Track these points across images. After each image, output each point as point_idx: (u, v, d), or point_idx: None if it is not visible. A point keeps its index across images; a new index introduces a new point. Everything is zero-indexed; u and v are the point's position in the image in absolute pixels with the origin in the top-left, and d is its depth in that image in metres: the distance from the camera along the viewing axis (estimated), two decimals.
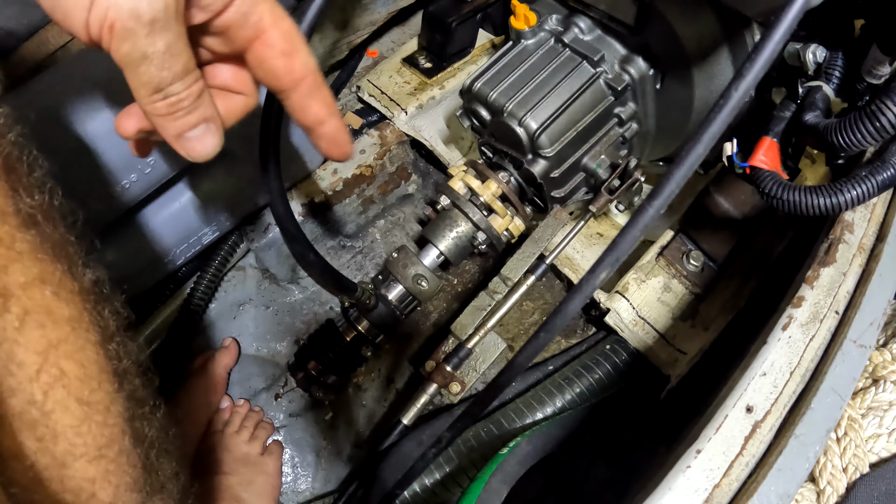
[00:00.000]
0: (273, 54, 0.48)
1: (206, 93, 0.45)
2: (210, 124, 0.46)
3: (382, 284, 0.96)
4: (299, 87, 0.50)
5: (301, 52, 0.49)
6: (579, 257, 1.08)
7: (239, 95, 0.52)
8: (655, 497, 0.50)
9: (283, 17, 0.47)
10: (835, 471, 0.51)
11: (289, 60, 0.48)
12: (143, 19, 0.37)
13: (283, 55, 0.48)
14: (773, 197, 0.64)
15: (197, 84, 0.43)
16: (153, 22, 0.38)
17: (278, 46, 0.47)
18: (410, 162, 1.23)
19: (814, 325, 0.58)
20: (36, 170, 0.41)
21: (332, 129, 0.53)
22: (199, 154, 0.47)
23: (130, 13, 0.37)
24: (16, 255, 0.37)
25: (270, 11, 0.46)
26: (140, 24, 0.37)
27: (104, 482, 0.40)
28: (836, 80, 0.68)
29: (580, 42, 0.87)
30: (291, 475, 1.11)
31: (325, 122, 0.52)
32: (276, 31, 0.47)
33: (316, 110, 0.51)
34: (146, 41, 0.38)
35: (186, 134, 0.45)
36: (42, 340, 0.38)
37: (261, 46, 0.47)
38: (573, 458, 0.99)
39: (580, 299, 0.54)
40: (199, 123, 0.45)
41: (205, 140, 0.46)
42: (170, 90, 0.42)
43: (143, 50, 0.39)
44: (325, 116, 0.52)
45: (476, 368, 0.97)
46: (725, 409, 0.54)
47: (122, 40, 0.38)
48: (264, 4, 0.46)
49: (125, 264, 0.94)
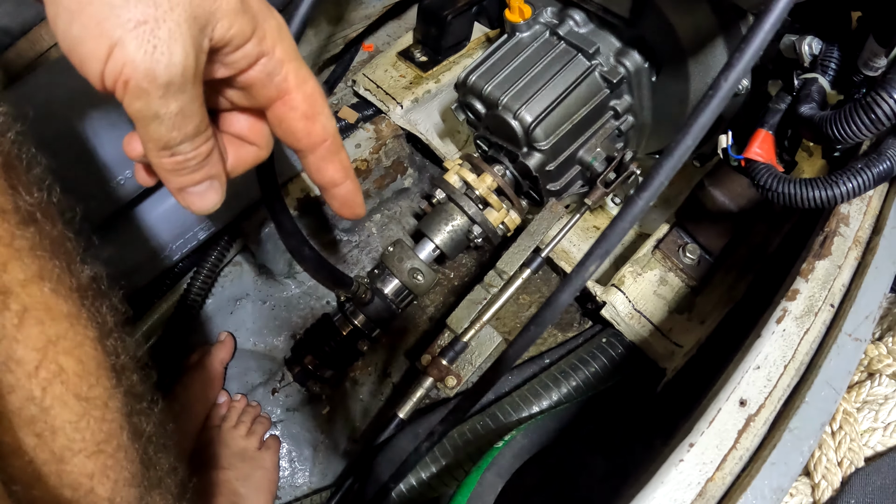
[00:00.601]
0: (294, 116, 0.47)
1: (214, 152, 0.44)
2: (214, 181, 0.46)
3: (378, 278, 0.96)
4: (318, 150, 0.50)
5: (322, 116, 0.49)
6: (575, 250, 1.08)
7: (252, 146, 0.51)
8: (648, 491, 0.50)
9: (307, 78, 0.47)
10: (830, 465, 0.51)
11: (309, 123, 0.48)
12: (159, 81, 0.36)
13: (304, 118, 0.48)
14: (769, 189, 0.63)
15: (206, 145, 0.43)
16: (168, 85, 0.37)
17: (300, 109, 0.47)
18: (406, 156, 1.23)
19: (808, 319, 0.57)
20: (35, 167, 0.41)
21: (346, 192, 0.54)
22: (198, 209, 0.46)
23: (146, 73, 0.36)
24: (15, 253, 0.37)
25: (296, 73, 0.46)
26: (154, 86, 0.37)
27: (103, 477, 0.41)
28: (832, 72, 0.67)
29: (575, 35, 0.87)
30: (289, 469, 1.12)
31: (340, 184, 0.53)
32: (299, 94, 0.46)
33: (332, 173, 0.52)
34: (159, 102, 0.38)
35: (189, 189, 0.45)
36: (41, 337, 0.38)
37: (282, 107, 0.47)
38: (569, 452, 0.99)
39: (570, 292, 0.54)
40: (204, 181, 0.45)
41: (206, 196, 0.46)
42: (178, 150, 0.41)
43: (156, 110, 0.38)
44: (341, 179, 0.52)
45: (472, 362, 0.97)
46: (719, 402, 0.54)
47: (134, 98, 0.37)
48: (290, 65, 0.45)
49: (121, 260, 0.94)
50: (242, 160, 0.51)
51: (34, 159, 0.41)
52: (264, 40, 0.42)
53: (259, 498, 0.98)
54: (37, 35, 0.86)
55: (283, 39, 0.44)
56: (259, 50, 0.42)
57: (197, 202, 0.46)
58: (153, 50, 0.36)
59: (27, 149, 0.40)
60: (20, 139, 0.40)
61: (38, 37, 0.86)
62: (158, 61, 0.36)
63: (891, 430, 0.52)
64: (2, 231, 0.36)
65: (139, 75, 0.36)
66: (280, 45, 0.44)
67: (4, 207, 0.37)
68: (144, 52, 0.35)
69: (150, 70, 0.36)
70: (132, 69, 0.36)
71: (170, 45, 0.36)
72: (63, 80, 0.75)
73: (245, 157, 0.51)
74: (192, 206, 0.46)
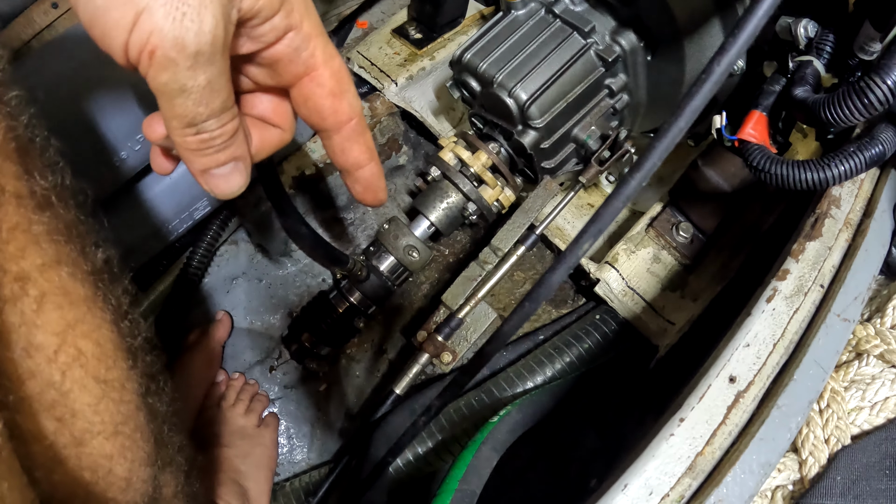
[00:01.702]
0: (321, 93, 0.46)
1: (240, 131, 0.43)
2: (239, 163, 0.44)
3: (374, 256, 0.96)
4: (343, 129, 0.49)
5: (349, 94, 0.47)
6: (569, 227, 1.09)
7: (275, 129, 0.50)
8: (639, 464, 0.51)
9: (334, 55, 0.45)
10: (817, 441, 0.53)
11: (336, 101, 0.47)
12: (188, 51, 0.35)
13: (331, 95, 0.46)
14: (761, 170, 0.64)
15: (232, 123, 0.41)
16: (198, 55, 0.35)
17: (328, 86, 0.46)
18: (401, 133, 1.23)
19: (798, 298, 0.59)
20: (48, 150, 0.41)
21: (370, 175, 0.52)
22: (222, 192, 0.45)
23: (174, 42, 0.34)
24: (32, 238, 0.37)
25: (323, 48, 0.44)
26: (183, 56, 0.35)
27: (121, 458, 0.41)
28: (827, 56, 0.68)
29: (571, 13, 0.87)
30: (287, 446, 1.13)
31: (364, 166, 0.52)
32: (326, 70, 0.45)
33: (357, 154, 0.50)
34: (187, 74, 0.36)
35: (213, 171, 0.43)
36: (60, 321, 0.38)
37: (309, 84, 0.46)
38: (563, 427, 1.01)
39: (564, 269, 0.55)
40: (228, 162, 0.43)
41: (231, 179, 0.44)
42: (203, 126, 0.39)
43: (183, 83, 0.36)
44: (365, 161, 0.51)
45: (467, 338, 0.98)
46: (709, 378, 0.55)
47: (161, 69, 0.35)
48: (317, 40, 0.43)
49: (119, 240, 0.94)
50: (266, 143, 0.50)
51: (47, 142, 0.40)
52: (292, 13, 0.41)
53: (259, 475, 0.99)
54: (28, 17, 0.85)
55: (311, 14, 0.42)
56: (287, 23, 0.41)
57: (222, 184, 0.44)
58: (182, 17, 0.34)
59: (40, 132, 0.40)
60: (34, 122, 0.39)
61: (30, 19, 0.85)
62: (188, 29, 0.34)
63: (877, 410, 0.54)
64: (19, 217, 0.36)
65: (167, 44, 0.34)
66: (308, 20, 0.42)
67: (20, 192, 0.37)
68: (173, 19, 0.34)
69: (178, 39, 0.34)
70: (160, 38, 0.34)
71: (200, 12, 0.34)
72: (61, 59, 0.75)
73: (269, 140, 0.50)
74: (216, 190, 0.44)
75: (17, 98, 0.38)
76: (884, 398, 0.54)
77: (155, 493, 0.44)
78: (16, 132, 0.37)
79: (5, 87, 0.37)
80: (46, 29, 0.87)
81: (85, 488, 0.39)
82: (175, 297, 1.08)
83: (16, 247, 0.36)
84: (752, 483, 0.49)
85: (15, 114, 0.37)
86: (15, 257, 0.36)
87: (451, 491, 0.73)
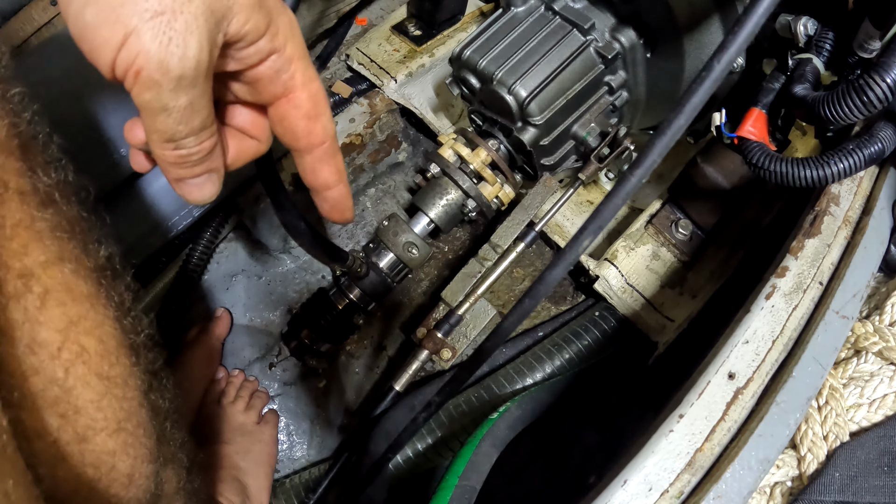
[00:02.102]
0: (297, 115, 0.47)
1: (216, 147, 0.44)
2: (213, 174, 0.45)
3: (373, 252, 0.97)
4: (315, 150, 0.49)
5: (324, 118, 0.48)
6: (569, 224, 1.09)
7: (252, 140, 0.51)
8: (639, 460, 0.51)
9: (313, 78, 0.46)
10: (815, 438, 0.53)
11: (310, 123, 0.48)
12: (171, 74, 0.36)
13: (306, 117, 0.47)
14: (760, 167, 0.64)
15: (210, 140, 0.42)
16: (181, 79, 0.36)
17: (303, 108, 0.47)
18: (400, 130, 1.23)
19: (797, 295, 0.59)
20: (50, 147, 0.41)
21: (338, 195, 0.53)
22: (194, 200, 0.46)
23: (159, 65, 0.35)
24: (35, 235, 0.37)
25: (303, 72, 0.45)
26: (167, 79, 0.36)
27: (123, 454, 0.41)
28: (827, 54, 0.68)
29: (570, 10, 0.87)
30: (287, 443, 1.13)
31: (333, 188, 0.52)
32: (304, 93, 0.46)
33: (326, 175, 0.51)
34: (169, 95, 0.37)
35: (187, 180, 0.44)
36: (63, 318, 0.38)
37: (286, 104, 0.47)
38: (562, 423, 1.01)
39: (564, 266, 0.55)
40: (203, 174, 0.44)
41: (204, 188, 0.45)
42: (182, 143, 0.41)
43: (165, 103, 0.37)
44: (334, 183, 0.52)
45: (467, 335, 0.98)
46: (708, 375, 0.55)
47: (145, 88, 0.36)
48: (298, 63, 0.45)
49: (119, 237, 0.94)
50: (243, 153, 0.51)
51: (49, 139, 0.41)
52: (277, 36, 0.42)
53: (259, 471, 0.99)
54: (27, 15, 0.85)
55: (294, 37, 0.44)
56: (271, 46, 0.42)
57: (194, 192, 0.45)
58: (168, 42, 0.35)
59: (43, 129, 0.40)
60: (36, 119, 0.40)
61: (29, 16, 0.85)
62: (173, 54, 0.35)
63: (875, 407, 0.54)
64: (22, 214, 0.36)
65: (152, 66, 0.35)
66: (291, 43, 0.43)
67: (24, 189, 0.37)
68: (159, 43, 0.35)
69: (163, 62, 0.35)
70: (145, 59, 0.35)
71: (185, 37, 0.35)
72: (60, 57, 0.75)
73: (245, 151, 0.51)
74: (188, 197, 0.46)
75: (19, 94, 0.38)
76: (882, 395, 0.54)
77: (157, 489, 0.44)
78: (19, 129, 0.37)
79: (8, 83, 0.37)
80: (45, 26, 0.87)
81: (88, 485, 0.39)
82: (174, 294, 1.08)
83: (19, 243, 0.36)
84: (751, 479, 0.50)
85: (18, 110, 0.38)
86: (18, 254, 0.36)
87: (452, 486, 0.73)
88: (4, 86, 0.37)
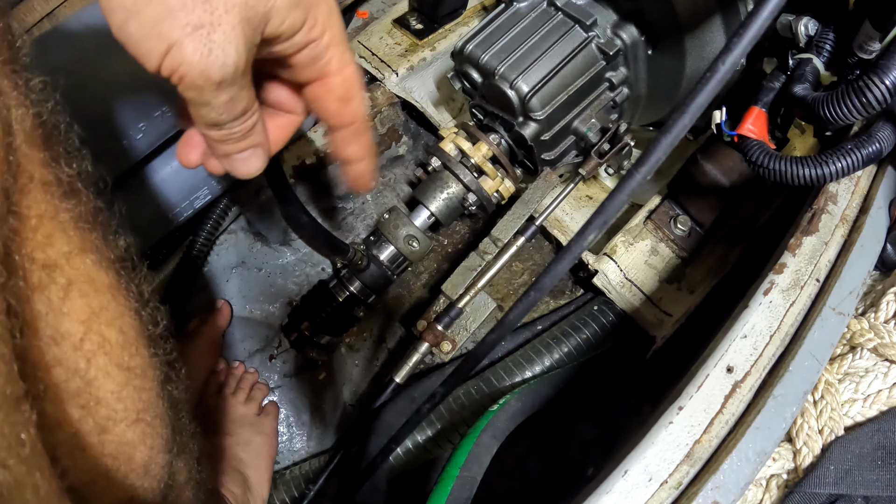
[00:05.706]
0: (330, 98, 0.50)
1: (259, 123, 0.47)
2: (258, 149, 0.49)
3: (374, 245, 0.97)
4: (346, 129, 0.53)
5: (356, 101, 0.51)
6: (568, 219, 1.10)
7: (289, 114, 0.54)
8: (639, 451, 0.52)
9: (348, 62, 0.49)
10: (811, 432, 0.54)
11: (343, 106, 0.51)
12: (213, 80, 0.39)
13: (338, 100, 0.50)
14: (760, 166, 0.65)
15: (252, 119, 0.45)
16: (221, 82, 0.40)
17: (337, 92, 0.49)
18: (401, 124, 1.23)
19: (794, 292, 0.60)
20: (71, 137, 0.42)
21: (363, 169, 0.57)
22: (241, 174, 0.49)
23: (201, 73, 0.38)
24: (59, 226, 0.38)
25: (339, 57, 0.48)
26: (209, 84, 0.39)
27: (141, 445, 0.42)
28: (827, 54, 0.68)
29: (573, 6, 0.87)
30: (287, 435, 1.14)
31: (360, 162, 0.56)
32: (338, 78, 0.49)
33: (354, 150, 0.55)
34: (211, 94, 0.40)
35: (234, 156, 0.48)
36: (85, 309, 0.39)
37: (320, 87, 0.49)
38: (561, 416, 1.02)
39: (569, 260, 0.56)
40: (248, 149, 0.48)
41: (250, 163, 0.49)
42: (226, 126, 0.44)
43: (208, 100, 0.41)
44: (358, 159, 0.56)
45: (466, 328, 0.99)
46: (707, 368, 0.56)
47: (188, 88, 0.40)
48: (335, 49, 0.47)
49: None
50: (283, 130, 0.54)
51: (70, 129, 0.42)
52: (314, 28, 0.44)
53: (259, 463, 1.00)
54: (30, 5, 0.85)
55: (333, 25, 0.46)
56: (307, 38, 0.44)
57: (241, 167, 0.49)
58: (209, 53, 0.38)
59: (64, 119, 0.41)
60: (58, 109, 0.40)
61: (31, 6, 0.85)
62: (213, 63, 0.38)
63: (870, 402, 0.55)
64: (46, 205, 0.37)
65: (195, 73, 0.38)
66: (329, 31, 0.45)
67: (47, 180, 0.37)
68: (200, 54, 0.38)
69: (204, 70, 0.38)
70: (188, 68, 0.38)
71: (224, 47, 0.38)
72: (64, 47, 0.75)
73: (285, 127, 0.54)
74: (235, 172, 0.49)
75: (42, 84, 0.39)
76: (877, 391, 0.55)
77: (170, 479, 0.45)
78: (42, 119, 0.38)
79: (30, 72, 0.38)
80: (47, 17, 0.87)
81: (106, 475, 0.39)
82: (175, 285, 1.08)
83: (43, 235, 0.36)
84: (748, 471, 0.51)
85: (41, 100, 0.38)
86: (42, 245, 0.36)
87: (453, 477, 0.74)
88: (28, 75, 0.37)
